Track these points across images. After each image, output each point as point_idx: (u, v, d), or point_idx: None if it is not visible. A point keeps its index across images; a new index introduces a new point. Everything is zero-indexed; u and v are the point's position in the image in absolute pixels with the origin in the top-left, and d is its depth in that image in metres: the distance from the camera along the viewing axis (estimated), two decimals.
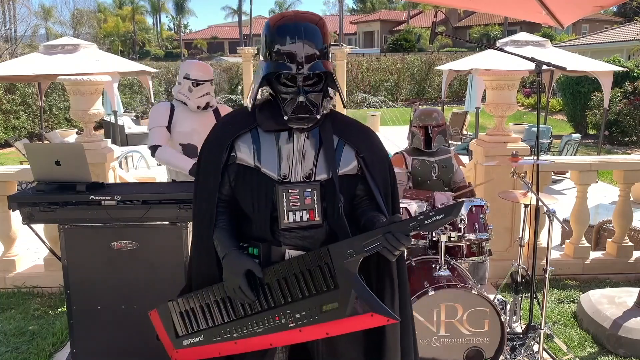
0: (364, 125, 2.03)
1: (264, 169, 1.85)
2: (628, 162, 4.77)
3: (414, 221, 1.64)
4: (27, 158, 3.17)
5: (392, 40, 37.08)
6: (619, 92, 12.81)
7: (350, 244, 1.71)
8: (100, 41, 36.12)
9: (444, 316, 2.84)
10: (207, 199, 1.90)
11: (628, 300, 3.73)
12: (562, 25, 3.36)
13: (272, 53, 1.76)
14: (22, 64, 8.32)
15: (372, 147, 1.96)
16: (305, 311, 1.75)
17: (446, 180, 3.61)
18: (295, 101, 1.77)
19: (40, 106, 10.27)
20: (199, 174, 1.95)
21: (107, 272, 2.96)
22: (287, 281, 1.77)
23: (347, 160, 1.90)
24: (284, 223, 1.84)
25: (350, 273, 1.70)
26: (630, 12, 30.86)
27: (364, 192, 1.94)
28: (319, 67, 1.76)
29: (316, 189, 1.84)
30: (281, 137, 1.87)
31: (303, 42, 1.74)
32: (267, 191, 1.84)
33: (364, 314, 1.69)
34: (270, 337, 1.80)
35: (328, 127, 1.89)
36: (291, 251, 1.86)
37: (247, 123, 1.89)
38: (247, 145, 1.87)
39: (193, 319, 1.93)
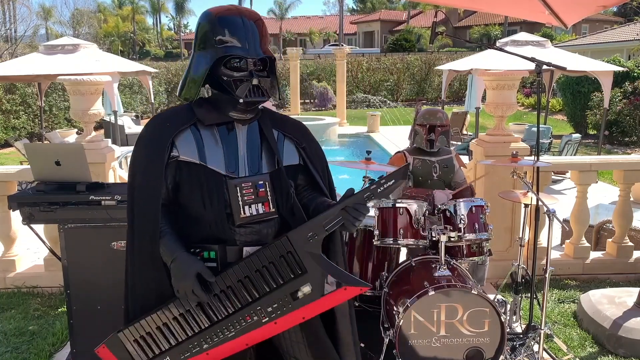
0: (297, 120, 2.11)
1: (209, 165, 1.82)
2: (628, 162, 4.77)
3: (368, 191, 1.72)
4: (27, 158, 3.17)
5: (392, 40, 37.09)
6: (619, 92, 12.80)
7: (309, 227, 1.75)
8: (100, 41, 36.13)
9: (444, 316, 2.84)
10: (150, 205, 1.78)
11: (628, 300, 3.73)
12: (565, 25, 3.35)
13: (216, 41, 1.79)
14: (22, 64, 8.33)
15: (308, 139, 2.04)
16: (276, 303, 1.74)
17: (447, 180, 3.61)
18: (248, 84, 1.79)
19: (40, 106, 10.28)
20: (135, 177, 1.83)
21: (107, 272, 2.96)
22: (251, 278, 1.75)
23: (289, 153, 1.96)
24: (240, 218, 1.82)
25: (315, 254, 1.74)
26: (630, 12, 30.85)
27: (305, 181, 2.02)
28: (266, 53, 1.82)
29: (267, 181, 1.87)
30: (223, 132, 1.86)
31: (249, 30, 1.80)
32: (217, 187, 1.81)
33: (338, 290, 1.74)
34: (245, 338, 1.77)
35: (267, 121, 1.94)
36: (247, 248, 1.84)
37: (186, 119, 1.85)
38: (189, 142, 1.83)
39: (152, 342, 1.79)
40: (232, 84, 1.80)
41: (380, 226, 3.14)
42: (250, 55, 1.79)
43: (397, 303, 2.94)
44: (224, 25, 1.79)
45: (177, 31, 54.52)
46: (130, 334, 1.79)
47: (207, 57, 1.80)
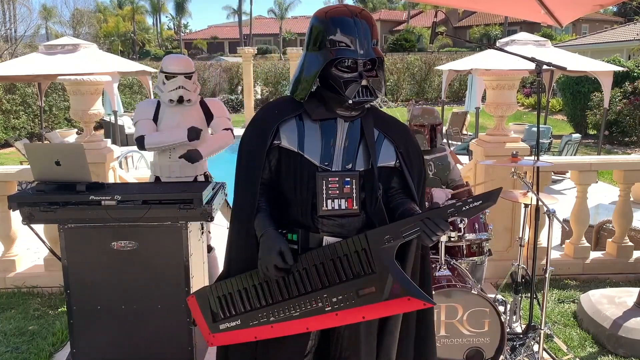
0: (402, 123, 2.12)
1: (306, 155, 1.90)
2: (628, 162, 4.77)
3: (452, 207, 1.70)
4: (27, 158, 3.17)
5: (392, 40, 37.08)
6: (619, 92, 12.80)
7: (387, 230, 1.77)
8: (100, 41, 36.12)
9: (444, 316, 2.84)
10: (250, 183, 1.93)
11: (628, 300, 3.73)
12: (560, 24, 3.36)
13: (327, 42, 1.84)
14: (22, 64, 8.33)
15: (410, 144, 2.05)
16: (342, 295, 1.78)
17: (443, 178, 3.61)
18: (358, 85, 1.84)
19: (40, 106, 10.28)
20: (242, 157, 1.99)
21: (107, 272, 2.96)
22: (325, 266, 1.81)
23: (386, 154, 1.98)
24: (322, 210, 1.89)
25: (388, 258, 1.75)
26: (630, 12, 30.85)
27: (399, 184, 2.02)
28: (376, 53, 1.86)
29: (355, 179, 1.90)
30: (325, 126, 1.93)
31: (361, 31, 1.83)
32: (308, 177, 1.90)
33: (401, 298, 1.73)
34: (307, 321, 1.84)
35: (370, 120, 1.98)
36: (328, 238, 1.91)
37: (292, 110, 1.95)
38: (292, 131, 1.92)
39: (231, 303, 1.95)
40: (342, 85, 1.85)
41: None
42: (361, 57, 1.83)
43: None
44: (336, 25, 1.83)
45: (177, 31, 54.52)
46: (215, 291, 1.98)
47: (320, 58, 1.85)
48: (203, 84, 23.51)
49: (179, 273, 2.94)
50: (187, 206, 2.81)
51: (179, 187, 3.09)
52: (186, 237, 2.91)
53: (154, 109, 3.57)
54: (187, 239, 2.91)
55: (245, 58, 15.01)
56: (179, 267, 2.94)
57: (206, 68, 24.02)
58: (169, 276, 2.93)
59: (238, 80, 22.92)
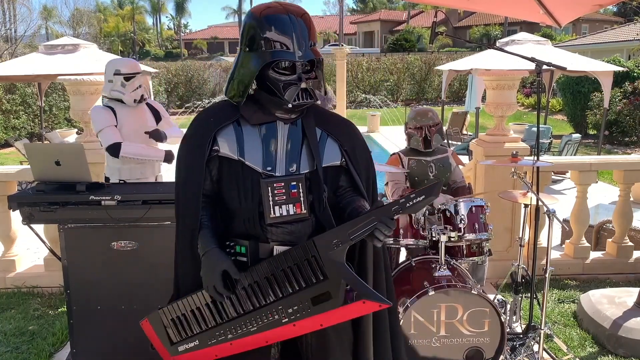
0: (345, 119, 2.05)
1: (247, 162, 1.82)
2: (628, 162, 4.77)
3: (396, 205, 1.65)
4: (27, 158, 3.17)
5: (392, 40, 37.08)
6: (619, 92, 12.81)
7: (335, 234, 1.72)
8: (100, 41, 36.13)
9: (444, 316, 2.84)
10: (191, 196, 1.85)
11: (628, 300, 3.73)
12: (559, 24, 3.36)
13: (263, 42, 1.75)
14: (22, 64, 8.31)
15: (355, 140, 1.97)
16: (297, 305, 1.74)
17: (444, 179, 3.60)
18: (297, 88, 1.77)
19: (40, 106, 10.27)
20: (181, 171, 1.89)
21: (107, 272, 2.96)
22: (276, 277, 1.76)
23: (331, 153, 1.90)
24: (270, 218, 1.82)
25: (338, 263, 1.70)
26: (630, 12, 30.85)
27: (347, 183, 1.95)
28: (315, 54, 1.78)
29: (301, 182, 1.83)
30: (264, 130, 1.85)
31: (297, 30, 1.74)
32: (252, 185, 1.82)
33: (356, 302, 1.70)
34: (265, 335, 1.80)
35: (311, 119, 1.90)
36: (279, 247, 1.84)
37: (229, 115, 1.86)
38: (230, 138, 1.84)
39: (186, 324, 1.90)
40: (281, 88, 1.77)
41: None
42: (299, 58, 1.75)
43: (397, 303, 2.94)
44: (271, 24, 1.74)
45: (177, 31, 54.53)
46: (168, 313, 1.93)
47: (255, 60, 1.76)
48: (203, 83, 23.48)
49: None
50: None
51: None
52: None
53: (113, 115, 3.56)
54: None
55: None
56: None
57: (206, 68, 23.98)
58: (169, 276, 2.91)
59: None
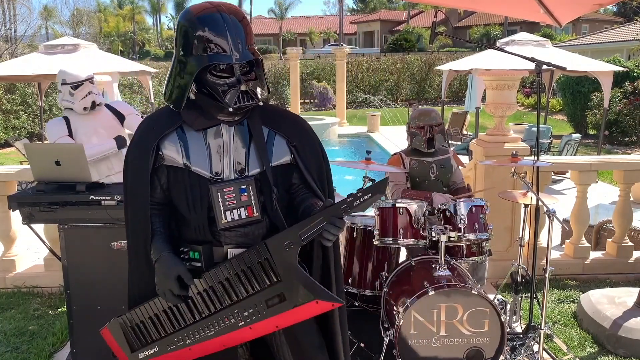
0: (293, 114, 2.02)
1: (194, 167, 1.80)
2: (628, 162, 4.77)
3: (344, 204, 1.65)
4: (27, 158, 3.17)
5: (392, 40, 37.07)
6: (619, 92, 12.81)
7: (286, 235, 1.71)
8: (100, 41, 36.12)
9: (444, 316, 2.84)
10: (139, 205, 1.83)
11: (628, 300, 3.73)
12: (559, 23, 3.36)
13: (198, 45, 1.70)
14: (22, 64, 8.32)
15: (303, 135, 1.93)
16: (252, 308, 1.75)
17: (445, 180, 3.61)
18: (237, 91, 1.73)
19: (40, 106, 10.27)
20: (127, 180, 1.87)
21: (107, 272, 2.96)
22: (230, 281, 1.76)
23: (279, 151, 1.87)
24: (222, 223, 1.80)
25: (290, 264, 1.70)
26: (630, 12, 30.83)
27: (300, 180, 1.92)
28: (252, 55, 1.74)
29: (251, 185, 1.81)
30: (209, 134, 1.82)
31: (233, 31, 1.70)
32: (201, 191, 1.80)
33: (309, 302, 1.71)
34: (223, 339, 1.80)
35: (256, 119, 1.86)
36: (233, 250, 1.83)
37: (171, 122, 1.83)
38: (174, 144, 1.81)
39: (145, 331, 1.90)
40: (220, 92, 1.73)
41: (380, 226, 3.14)
42: (236, 60, 1.70)
43: (397, 303, 2.94)
44: (205, 25, 1.69)
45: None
46: (127, 320, 1.93)
47: (192, 64, 1.72)
48: None
49: None
50: None
51: None
52: None
53: (65, 126, 3.56)
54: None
55: None
56: None
57: None
58: None
59: None
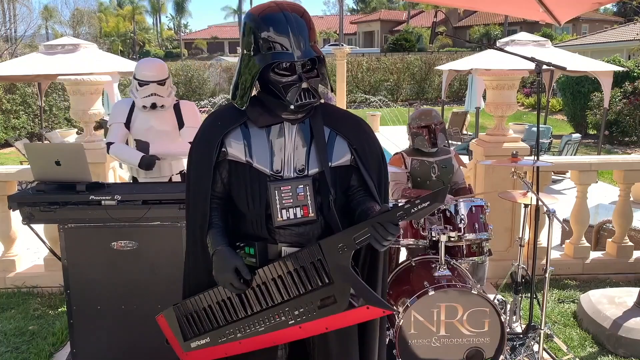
0: (355, 116, 2.02)
1: (255, 164, 1.82)
2: (628, 162, 4.77)
3: (401, 210, 1.63)
4: (27, 158, 3.17)
5: (392, 40, 37.06)
6: (619, 92, 12.81)
7: (340, 237, 1.71)
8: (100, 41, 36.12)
9: (444, 316, 2.84)
10: (200, 198, 1.88)
11: (628, 300, 3.73)
12: (559, 22, 3.36)
13: (262, 43, 1.73)
14: (22, 64, 8.32)
15: (364, 138, 1.94)
16: (303, 307, 1.75)
17: (446, 180, 3.61)
18: (299, 88, 1.75)
19: (40, 106, 10.27)
20: (191, 173, 1.92)
21: (107, 272, 2.96)
22: (283, 279, 1.77)
23: (340, 152, 1.88)
24: (277, 221, 1.82)
25: (343, 267, 1.70)
26: (630, 12, 30.83)
27: (358, 182, 1.93)
28: (314, 52, 1.76)
29: (308, 185, 1.82)
30: (272, 132, 1.85)
31: (295, 29, 1.72)
32: (260, 187, 1.83)
33: (360, 307, 1.70)
34: (273, 335, 1.81)
35: (319, 118, 1.88)
36: (287, 248, 1.85)
37: (236, 119, 1.86)
38: (238, 141, 1.84)
39: (198, 321, 1.94)
40: (282, 90, 1.76)
41: None
42: (298, 58, 1.73)
43: (397, 303, 2.94)
44: (269, 25, 1.73)
45: (177, 31, 54.53)
46: (182, 309, 1.97)
47: (256, 62, 1.75)
48: (203, 83, 23.50)
49: (179, 273, 2.90)
50: None
51: (179, 187, 3.09)
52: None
53: (127, 111, 3.58)
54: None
55: None
56: (179, 267, 2.91)
57: (206, 68, 24.01)
58: (169, 276, 2.93)
59: None
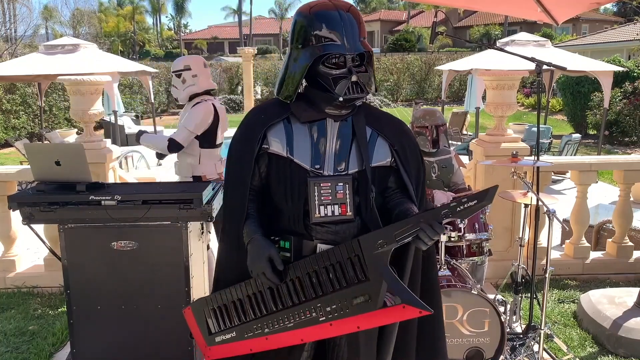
0: (397, 118, 2.03)
1: (296, 159, 1.83)
2: (628, 162, 4.77)
3: (446, 208, 1.61)
4: (27, 158, 3.17)
5: (392, 40, 37.06)
6: (619, 92, 12.80)
7: (380, 234, 1.68)
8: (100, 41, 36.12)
9: (444, 316, 2.83)
10: (239, 191, 1.89)
11: (628, 300, 3.73)
12: (556, 22, 3.36)
13: (313, 38, 1.77)
14: (22, 64, 8.32)
15: (405, 140, 1.96)
16: (335, 304, 1.71)
17: (446, 180, 3.61)
18: (348, 81, 1.77)
19: (40, 106, 10.28)
20: (231, 164, 1.94)
21: (107, 272, 2.96)
22: (318, 274, 1.74)
23: (380, 152, 1.89)
24: (315, 217, 1.82)
25: (381, 264, 1.66)
26: (630, 12, 30.84)
27: (396, 184, 1.93)
28: (365, 47, 1.79)
29: (348, 183, 1.82)
30: (314, 127, 1.86)
31: (347, 24, 1.76)
32: (299, 183, 1.83)
33: (396, 306, 1.65)
34: (301, 332, 1.77)
35: (361, 118, 1.89)
36: (322, 245, 1.84)
37: (279, 113, 1.88)
38: (280, 135, 1.86)
39: (225, 315, 1.92)
40: (332, 82, 1.78)
41: None
42: (349, 51, 1.76)
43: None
44: (321, 20, 1.76)
45: (177, 31, 54.51)
46: (210, 302, 1.94)
47: (306, 55, 1.78)
48: None
49: (179, 273, 2.93)
50: (187, 206, 2.81)
51: (178, 187, 3.09)
52: (186, 237, 2.91)
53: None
54: (187, 239, 2.91)
55: (246, 58, 14.99)
56: (179, 267, 2.94)
57: None
58: (169, 276, 2.93)
59: (238, 80, 22.92)
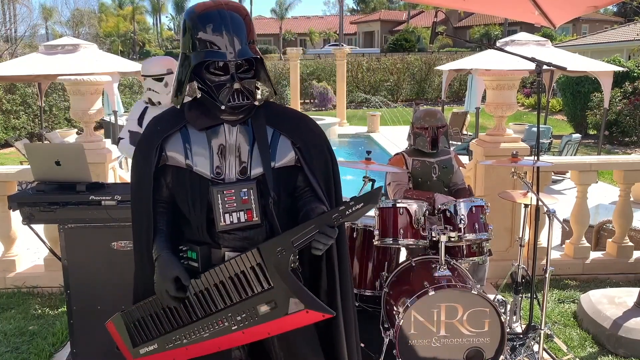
0: (299, 113, 1.98)
1: (196, 167, 1.78)
2: (628, 162, 4.77)
3: (336, 212, 1.63)
4: (27, 158, 3.17)
5: (392, 40, 37.07)
6: (619, 92, 12.80)
7: (279, 241, 1.69)
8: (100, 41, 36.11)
9: (444, 316, 2.84)
10: (143, 204, 1.84)
11: (628, 300, 3.73)
12: (553, 25, 3.36)
13: (197, 42, 1.70)
14: (22, 64, 8.33)
15: (308, 135, 1.89)
16: (245, 313, 1.73)
17: (446, 181, 3.62)
18: (230, 89, 1.71)
19: (40, 106, 10.27)
20: (133, 180, 1.89)
21: (107, 272, 2.96)
22: (225, 285, 1.75)
23: (283, 152, 1.84)
24: (220, 225, 1.78)
25: (282, 271, 1.68)
26: (630, 12, 30.83)
27: (305, 183, 1.89)
28: (249, 53, 1.72)
29: (252, 188, 1.78)
30: (212, 134, 1.80)
31: (230, 28, 1.69)
32: (201, 192, 1.79)
33: (299, 312, 1.68)
34: (218, 341, 1.80)
35: (261, 118, 1.83)
36: (230, 253, 1.80)
37: (175, 122, 1.83)
38: (178, 144, 1.81)
39: (145, 327, 1.92)
40: (214, 89, 1.73)
41: (380, 226, 3.14)
42: (231, 58, 1.69)
43: (397, 303, 2.94)
44: (205, 23, 1.68)
45: (177, 31, 54.51)
46: (129, 316, 1.96)
47: (190, 61, 1.72)
48: None
49: None
50: None
51: None
52: None
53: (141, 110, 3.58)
54: None
55: None
56: None
57: None
58: None
59: None
